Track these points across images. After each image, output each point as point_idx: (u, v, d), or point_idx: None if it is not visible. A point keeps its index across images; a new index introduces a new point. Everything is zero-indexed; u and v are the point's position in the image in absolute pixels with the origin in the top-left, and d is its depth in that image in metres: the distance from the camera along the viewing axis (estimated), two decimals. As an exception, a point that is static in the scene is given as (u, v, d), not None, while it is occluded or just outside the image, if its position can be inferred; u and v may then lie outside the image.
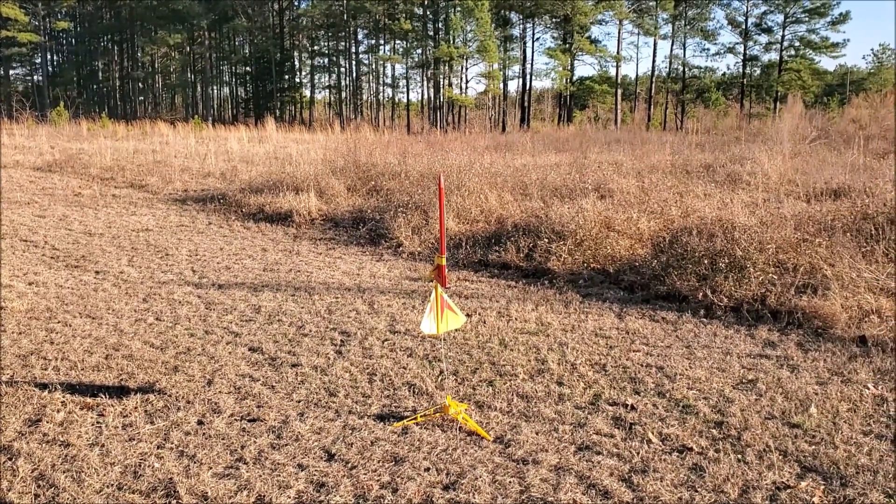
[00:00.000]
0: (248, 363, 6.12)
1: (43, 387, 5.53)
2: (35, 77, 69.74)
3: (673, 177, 13.90)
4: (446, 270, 5.13)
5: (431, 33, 57.74)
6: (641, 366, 5.99)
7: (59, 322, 7.22)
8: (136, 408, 5.18)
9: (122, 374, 5.85)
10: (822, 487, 4.08)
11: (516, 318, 7.31)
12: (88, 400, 5.30)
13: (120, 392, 5.46)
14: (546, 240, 9.62)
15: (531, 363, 6.06)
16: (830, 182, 12.13)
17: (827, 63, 56.26)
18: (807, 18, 53.55)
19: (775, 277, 7.60)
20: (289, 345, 6.59)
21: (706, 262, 8.08)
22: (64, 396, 5.35)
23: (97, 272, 9.43)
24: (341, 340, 6.70)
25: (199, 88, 67.05)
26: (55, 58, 72.55)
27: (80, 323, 7.21)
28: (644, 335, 6.78)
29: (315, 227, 12.90)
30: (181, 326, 7.12)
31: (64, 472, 4.28)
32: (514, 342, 6.59)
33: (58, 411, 5.10)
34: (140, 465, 4.36)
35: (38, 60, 67.67)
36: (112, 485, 4.15)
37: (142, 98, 71.94)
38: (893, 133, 21.30)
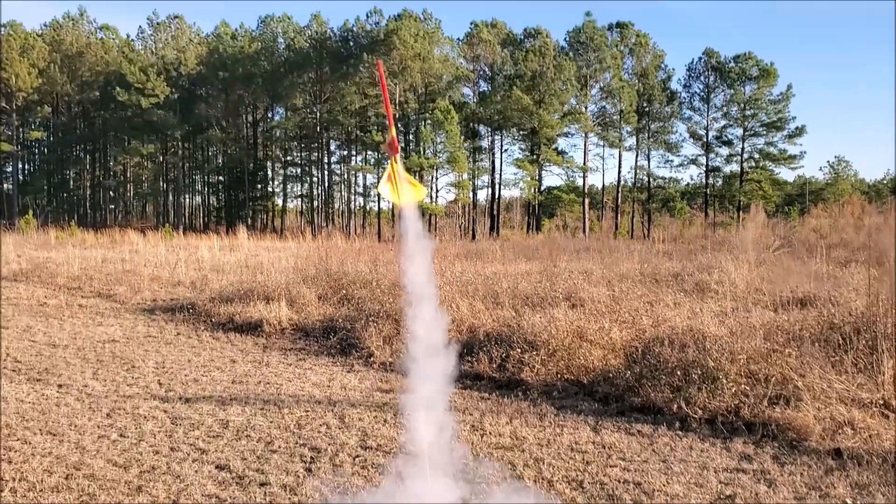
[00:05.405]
0: (214, 482, 5.92)
1: (-3, 510, 5.29)
2: (5, 185, 69.62)
3: (642, 285, 14.06)
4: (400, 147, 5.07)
5: (402, 144, 59.13)
6: (619, 482, 5.89)
7: (17, 440, 6.98)
8: (95, 533, 4.95)
9: (83, 495, 5.62)
10: None
11: (490, 433, 7.20)
12: (45, 524, 5.07)
13: (79, 515, 5.23)
14: (519, 350, 9.58)
15: (506, 480, 5.92)
16: (796, 291, 12.34)
17: (786, 174, 58.16)
18: (765, 132, 55.87)
19: (748, 388, 7.61)
20: (257, 462, 6.40)
21: (679, 372, 8.09)
22: (19, 521, 5.12)
23: (60, 385, 9.19)
24: (311, 457, 6.53)
25: (171, 197, 67.38)
26: (27, 166, 72.77)
27: (40, 440, 6.96)
28: (620, 449, 6.70)
29: (285, 337, 12.77)
30: (146, 443, 6.91)
31: None
32: (489, 458, 6.46)
33: (12, 537, 4.86)
34: None
35: (10, 169, 67.72)
36: None
37: (112, 206, 72.03)
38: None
